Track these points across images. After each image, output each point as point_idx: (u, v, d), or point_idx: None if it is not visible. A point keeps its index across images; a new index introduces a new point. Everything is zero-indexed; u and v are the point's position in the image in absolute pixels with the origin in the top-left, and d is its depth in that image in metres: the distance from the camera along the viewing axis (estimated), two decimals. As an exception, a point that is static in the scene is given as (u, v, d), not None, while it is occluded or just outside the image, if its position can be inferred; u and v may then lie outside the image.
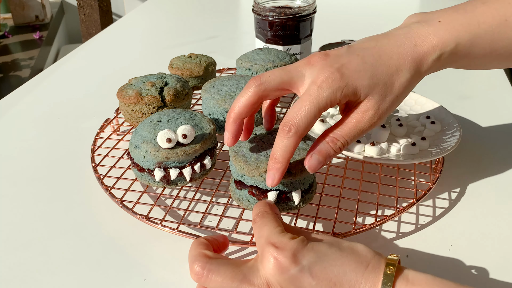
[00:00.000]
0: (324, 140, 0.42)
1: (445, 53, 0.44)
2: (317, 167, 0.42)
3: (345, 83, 0.41)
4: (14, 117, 0.72)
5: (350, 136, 0.42)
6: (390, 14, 1.19)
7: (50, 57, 2.21)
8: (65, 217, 0.51)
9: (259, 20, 0.78)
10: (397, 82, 0.43)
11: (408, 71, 0.43)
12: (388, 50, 0.44)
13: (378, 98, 0.42)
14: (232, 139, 0.45)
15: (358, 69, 0.42)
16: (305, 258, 0.35)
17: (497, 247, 0.46)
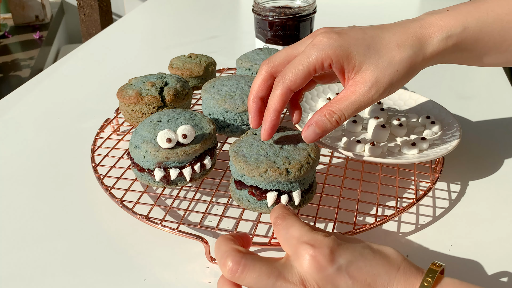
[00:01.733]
0: (321, 112, 0.43)
1: (452, 36, 0.44)
2: (313, 138, 0.43)
3: (340, 44, 0.42)
4: (14, 117, 0.72)
5: (347, 110, 0.42)
6: (390, 14, 1.19)
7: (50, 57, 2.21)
8: (65, 217, 0.51)
9: (259, 20, 0.78)
10: (398, 56, 0.42)
11: (410, 48, 0.43)
12: (391, 27, 0.44)
13: (376, 70, 0.42)
14: (255, 119, 0.46)
15: (357, 37, 0.43)
16: (341, 257, 0.34)
17: (497, 247, 0.46)
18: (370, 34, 0.43)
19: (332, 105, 0.43)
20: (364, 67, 0.42)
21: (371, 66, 0.42)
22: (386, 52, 0.42)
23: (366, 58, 0.42)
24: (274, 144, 0.46)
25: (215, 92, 0.58)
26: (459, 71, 0.86)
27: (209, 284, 0.43)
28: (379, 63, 0.42)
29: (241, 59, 0.69)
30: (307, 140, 0.44)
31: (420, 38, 0.43)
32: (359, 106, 0.43)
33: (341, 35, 0.42)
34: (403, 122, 0.58)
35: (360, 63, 0.42)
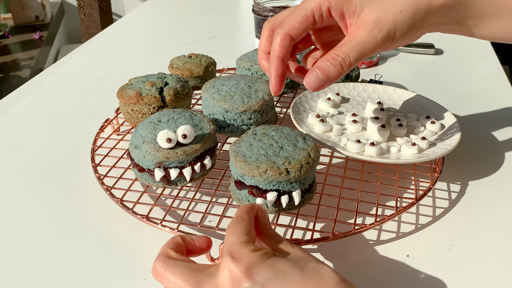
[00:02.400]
0: (325, 58, 0.41)
1: None
2: (316, 85, 0.41)
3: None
4: (14, 117, 0.72)
5: (351, 51, 0.40)
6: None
7: (50, 57, 2.21)
8: (65, 217, 0.51)
9: (259, 20, 0.78)
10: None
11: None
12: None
13: (378, 10, 0.40)
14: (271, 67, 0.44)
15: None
16: (259, 274, 0.33)
17: (497, 247, 0.46)
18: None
19: (336, 49, 0.41)
20: (366, 10, 0.40)
21: (372, 8, 0.40)
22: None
23: (366, 0, 0.40)
24: (274, 144, 0.46)
25: (215, 92, 0.58)
26: (459, 71, 0.86)
27: (209, 284, 0.43)
28: (380, 4, 0.40)
29: (241, 59, 0.69)
30: (310, 86, 0.41)
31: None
32: (363, 49, 0.40)
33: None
34: (403, 122, 0.58)
35: (361, 6, 0.40)
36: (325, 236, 0.45)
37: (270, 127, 0.49)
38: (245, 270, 0.33)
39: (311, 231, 0.45)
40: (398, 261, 0.45)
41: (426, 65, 0.89)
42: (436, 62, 0.90)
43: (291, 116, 0.58)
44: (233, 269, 0.33)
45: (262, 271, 0.33)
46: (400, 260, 0.45)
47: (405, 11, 0.40)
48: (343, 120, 0.60)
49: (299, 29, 0.42)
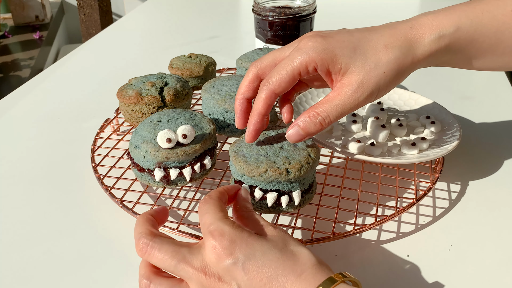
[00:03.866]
0: (306, 114, 0.43)
1: (444, 36, 0.43)
2: (296, 139, 0.43)
3: (324, 47, 0.41)
4: (14, 117, 0.72)
5: (332, 112, 0.42)
6: (390, 14, 1.19)
7: (50, 57, 2.21)
8: (65, 217, 0.51)
9: (259, 20, 0.78)
10: (384, 58, 0.42)
11: (398, 49, 0.42)
12: (380, 29, 0.43)
13: (362, 71, 0.41)
14: (240, 119, 0.46)
15: (342, 39, 0.42)
16: (241, 252, 0.34)
17: (497, 247, 0.46)
18: (356, 36, 0.43)
19: (317, 107, 0.42)
20: (350, 69, 0.41)
21: (357, 68, 0.41)
22: (372, 54, 0.42)
23: (352, 60, 0.41)
24: (274, 144, 0.46)
25: (215, 92, 0.58)
26: (459, 71, 0.86)
27: (209, 284, 0.43)
28: (365, 65, 0.41)
29: (241, 59, 0.69)
30: (290, 139, 0.44)
31: (410, 39, 0.42)
32: (344, 109, 0.42)
33: (326, 38, 0.42)
34: (403, 122, 0.58)
35: (346, 65, 0.41)
36: (325, 236, 0.45)
37: (269, 127, 0.49)
38: (228, 245, 0.35)
39: (311, 231, 0.45)
40: (398, 261, 0.45)
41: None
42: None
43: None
44: (216, 246, 0.35)
45: (244, 249, 0.35)
46: (400, 260, 0.45)
47: (388, 72, 0.42)
48: (343, 120, 0.60)
49: (284, 87, 0.43)
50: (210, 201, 0.38)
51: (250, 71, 0.45)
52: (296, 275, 0.34)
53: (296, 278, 0.34)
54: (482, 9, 0.44)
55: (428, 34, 0.43)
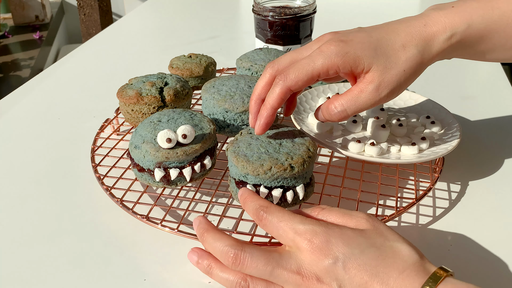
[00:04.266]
0: (330, 103, 0.45)
1: (456, 34, 0.44)
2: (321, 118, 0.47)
3: (346, 50, 0.43)
4: (14, 117, 0.72)
5: (350, 105, 0.44)
6: (390, 14, 1.19)
7: (50, 57, 2.21)
8: (65, 217, 0.51)
9: (259, 20, 0.78)
10: (403, 56, 0.44)
11: (415, 47, 0.44)
12: (396, 28, 0.45)
13: (383, 70, 0.43)
14: (255, 119, 0.47)
15: (363, 41, 0.44)
16: (339, 251, 0.35)
17: (497, 247, 0.46)
18: (375, 37, 0.44)
19: (337, 99, 0.45)
20: (373, 68, 0.43)
21: (379, 67, 0.43)
22: (392, 53, 0.44)
23: (374, 60, 0.43)
24: (272, 142, 0.47)
25: (215, 92, 0.58)
26: (459, 71, 0.86)
27: (209, 284, 0.43)
28: (386, 64, 0.43)
29: (241, 59, 0.69)
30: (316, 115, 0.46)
31: (425, 38, 0.44)
32: (363, 103, 0.44)
33: (348, 42, 0.44)
34: (403, 122, 0.58)
35: (368, 65, 0.43)
36: (325, 236, 0.45)
37: None
38: (324, 245, 0.35)
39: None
40: (398, 261, 0.45)
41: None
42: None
43: (291, 116, 0.58)
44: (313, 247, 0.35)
45: (341, 248, 0.35)
46: (400, 260, 0.45)
47: (407, 70, 0.44)
48: (343, 120, 0.60)
49: (301, 86, 0.44)
50: (272, 207, 0.39)
51: (267, 72, 0.46)
52: (398, 272, 0.34)
53: (398, 275, 0.34)
54: (493, 6, 0.45)
55: (442, 33, 0.44)
